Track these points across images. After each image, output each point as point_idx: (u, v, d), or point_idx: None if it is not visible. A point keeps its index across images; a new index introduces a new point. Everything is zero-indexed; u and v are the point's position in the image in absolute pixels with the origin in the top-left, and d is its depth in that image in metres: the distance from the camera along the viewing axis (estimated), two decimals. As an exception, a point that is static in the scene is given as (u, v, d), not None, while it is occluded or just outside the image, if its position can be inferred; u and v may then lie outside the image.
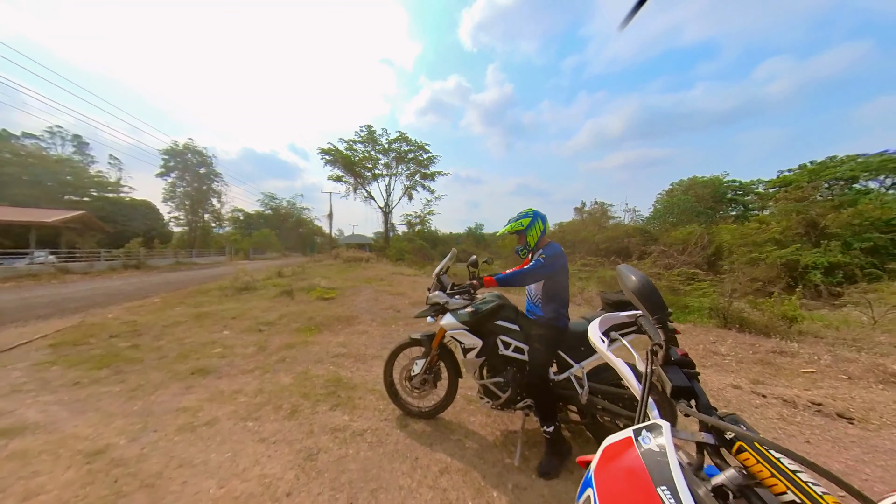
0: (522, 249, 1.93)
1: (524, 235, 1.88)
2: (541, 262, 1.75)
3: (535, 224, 1.87)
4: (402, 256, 22.00)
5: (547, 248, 1.85)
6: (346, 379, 2.89)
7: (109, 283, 11.58)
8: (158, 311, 6.43)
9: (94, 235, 22.91)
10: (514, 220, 1.91)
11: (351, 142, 36.26)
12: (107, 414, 2.36)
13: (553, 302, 1.82)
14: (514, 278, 1.79)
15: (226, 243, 33.73)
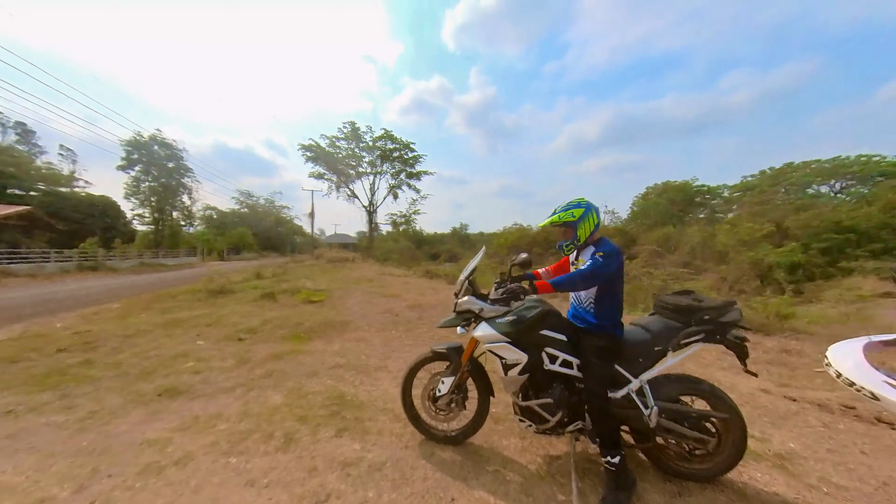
0: (568, 245, 1.67)
1: (573, 228, 1.62)
2: (599, 261, 1.49)
3: (589, 216, 1.61)
4: (389, 257, 21.41)
5: (602, 244, 1.60)
6: (349, 395, 2.52)
7: (61, 287, 10.32)
8: (119, 319, 5.68)
9: (43, 234, 20.66)
10: (562, 210, 1.64)
11: (334, 138, 35.08)
12: (46, 454, 1.87)
13: (608, 308, 1.57)
14: (571, 282, 1.52)
15: (197, 243, 31.52)
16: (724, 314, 1.50)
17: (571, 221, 1.61)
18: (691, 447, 1.53)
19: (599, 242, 1.62)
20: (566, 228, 1.66)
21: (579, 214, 1.61)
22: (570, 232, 1.65)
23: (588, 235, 1.63)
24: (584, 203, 1.64)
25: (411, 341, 3.83)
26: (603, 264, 1.49)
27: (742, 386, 2.73)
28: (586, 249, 1.66)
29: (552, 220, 1.66)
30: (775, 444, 1.87)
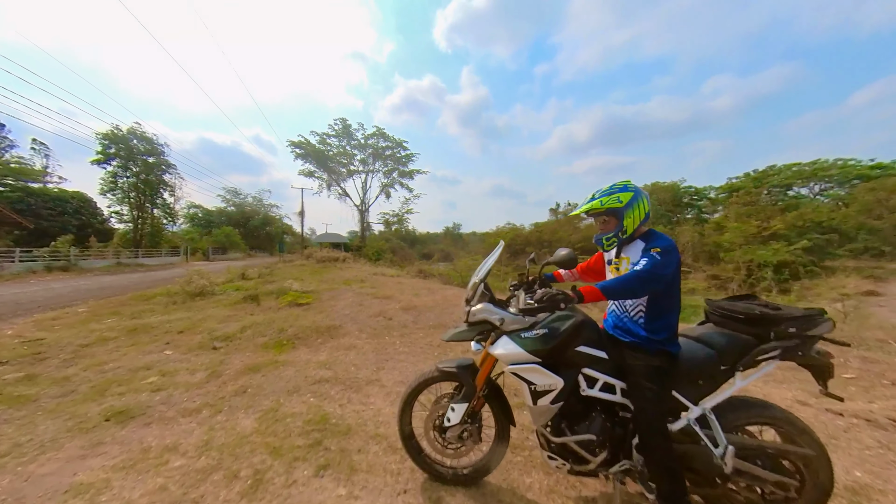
0: (610, 238, 1.34)
1: (618, 217, 1.31)
2: (657, 259, 1.17)
3: (639, 203, 1.30)
4: (381, 256, 20.90)
5: (655, 238, 1.28)
6: (334, 418, 2.14)
7: (23, 289, 9.50)
8: (80, 325, 5.11)
9: (8, 231, 19.37)
10: (605, 194, 1.32)
11: (324, 135, 34.29)
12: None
13: (663, 318, 1.25)
14: (628, 287, 1.19)
15: (181, 242, 30.22)
16: (811, 326, 1.20)
17: (617, 208, 1.29)
18: (767, 491, 1.22)
19: (650, 236, 1.31)
20: (608, 218, 1.34)
21: (627, 199, 1.28)
22: (612, 222, 1.33)
23: (636, 226, 1.31)
24: (632, 187, 1.32)
25: (406, 349, 3.46)
26: (662, 262, 1.17)
27: (776, 396, 2.48)
28: (631, 245, 1.34)
29: (591, 206, 1.33)
30: (840, 473, 1.60)
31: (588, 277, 1.67)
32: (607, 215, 1.33)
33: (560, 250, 1.44)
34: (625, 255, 1.35)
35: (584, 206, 1.36)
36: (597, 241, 1.40)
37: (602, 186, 1.38)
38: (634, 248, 1.31)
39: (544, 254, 1.74)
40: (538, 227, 30.28)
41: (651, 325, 1.26)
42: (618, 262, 1.38)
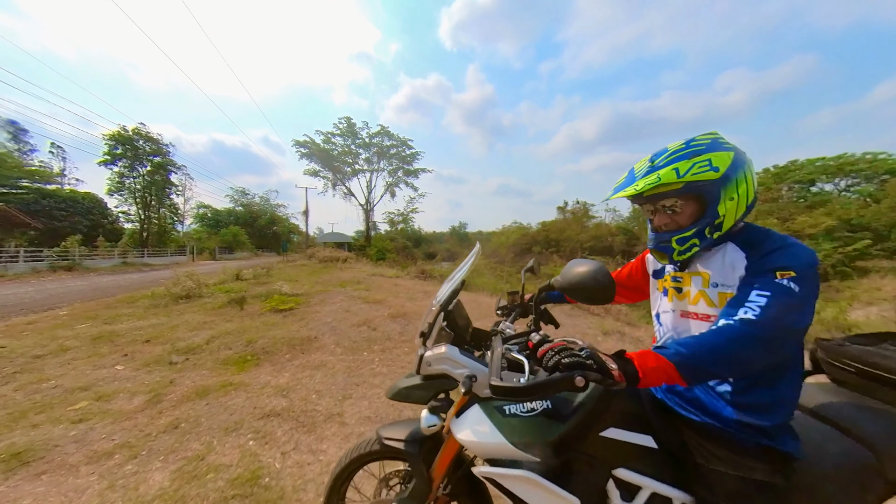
0: (689, 239, 0.76)
1: (708, 198, 0.73)
2: (790, 292, 0.61)
3: (745, 173, 0.73)
4: (384, 256, 20.51)
5: (781, 247, 0.68)
6: (268, 476, 1.63)
7: (17, 290, 9.40)
8: (49, 331, 4.78)
9: (22, 232, 19.76)
10: (681, 157, 0.73)
11: (329, 134, 34.13)
12: None
13: (769, 385, 0.69)
14: (724, 356, 0.60)
15: (188, 242, 30.53)
16: None
17: (707, 182, 0.70)
18: None
19: (756, 238, 0.73)
20: (683, 200, 0.75)
21: (726, 165, 0.70)
22: (691, 208, 0.75)
23: (738, 217, 0.74)
24: (730, 145, 0.75)
25: (385, 368, 2.95)
26: (799, 300, 0.61)
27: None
28: (717, 252, 0.76)
29: (652, 182, 0.73)
30: None
31: (618, 298, 1.12)
32: (684, 195, 0.74)
33: (576, 265, 0.80)
34: (701, 269, 0.78)
35: (641, 182, 0.75)
36: (656, 245, 0.81)
37: (667, 145, 0.78)
38: (721, 260, 0.75)
39: (549, 257, 1.23)
40: (545, 225, 29.43)
41: (745, 398, 0.69)
42: (680, 279, 0.82)
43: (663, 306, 0.87)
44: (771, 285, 0.63)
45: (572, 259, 0.90)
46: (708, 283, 0.76)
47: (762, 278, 0.65)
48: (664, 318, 0.87)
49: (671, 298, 0.84)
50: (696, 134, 0.77)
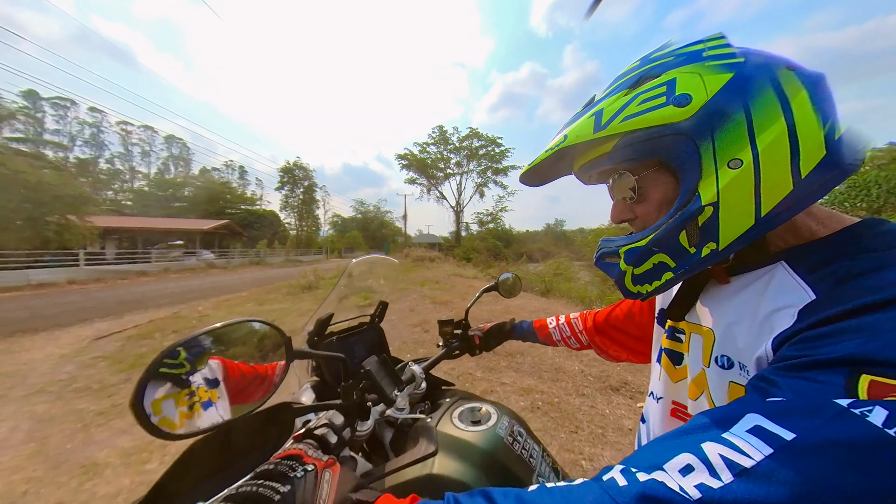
0: (646, 253, 0.34)
1: (676, 161, 0.31)
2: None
3: (772, 107, 0.28)
4: (470, 256, 20.88)
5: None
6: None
7: (230, 277, 14.30)
8: (232, 307, 6.99)
9: (238, 238, 30.05)
10: (624, 86, 0.34)
11: (424, 144, 37.45)
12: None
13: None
14: None
15: (324, 244, 39.73)
16: None
17: (661, 129, 0.30)
18: None
19: (871, 264, 0.26)
20: (637, 174, 0.35)
21: (711, 91, 0.29)
22: (661, 189, 0.34)
23: (780, 206, 0.28)
24: (733, 54, 0.30)
25: (423, 375, 2.89)
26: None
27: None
28: (764, 276, 0.32)
29: (551, 147, 0.37)
30: None
31: (606, 344, 0.68)
32: (629, 164, 0.35)
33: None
34: (707, 318, 0.35)
35: (542, 154, 0.40)
36: (598, 260, 0.41)
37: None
38: (752, 300, 0.31)
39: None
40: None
41: None
42: (680, 336, 0.40)
43: (655, 384, 0.45)
44: (835, 416, 0.20)
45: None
46: (709, 351, 0.33)
47: (818, 383, 0.22)
48: (651, 410, 0.45)
49: (661, 373, 0.42)
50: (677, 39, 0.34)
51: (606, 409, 1.86)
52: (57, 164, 21.49)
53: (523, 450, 0.52)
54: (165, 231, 22.28)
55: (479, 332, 0.85)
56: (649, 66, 0.33)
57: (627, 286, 0.37)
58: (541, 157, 0.39)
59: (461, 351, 0.85)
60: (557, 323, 0.77)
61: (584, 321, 0.71)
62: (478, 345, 0.85)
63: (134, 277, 13.23)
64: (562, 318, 0.77)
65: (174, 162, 51.79)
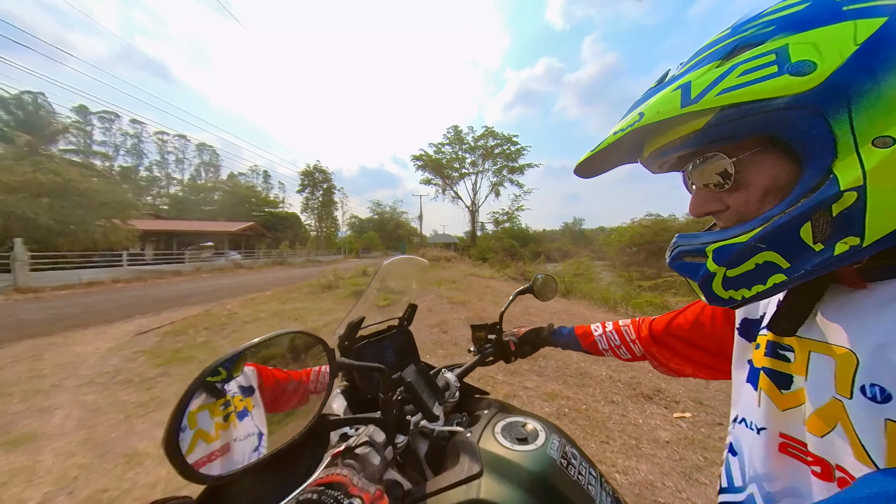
0: (749, 250, 0.28)
1: (796, 140, 0.25)
2: None
3: None
4: (486, 256, 20.70)
5: None
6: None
7: (255, 276, 14.97)
8: (257, 305, 7.28)
9: (263, 239, 31.42)
10: (717, 55, 0.28)
11: (439, 144, 37.55)
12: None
13: None
14: None
15: (342, 244, 40.85)
16: None
17: (775, 102, 0.25)
18: None
19: None
20: (735, 156, 0.29)
21: (847, 51, 0.23)
22: (766, 174, 0.28)
23: None
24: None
25: (443, 376, 2.86)
26: None
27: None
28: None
29: (623, 127, 0.32)
30: None
31: (666, 357, 0.60)
32: (721, 144, 0.29)
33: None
34: (839, 335, 0.28)
35: (609, 137, 0.34)
36: (672, 259, 0.34)
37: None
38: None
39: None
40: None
41: None
42: (787, 354, 0.33)
43: (748, 409, 0.37)
44: None
45: None
46: (850, 378, 0.26)
47: None
48: (745, 441, 0.36)
49: (761, 397, 0.34)
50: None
51: (639, 419, 1.75)
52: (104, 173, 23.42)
53: (579, 475, 0.47)
54: (197, 233, 23.75)
55: (513, 338, 0.81)
56: (746, 34, 0.28)
57: (716, 291, 0.31)
58: (608, 141, 0.34)
59: (495, 357, 0.81)
60: (604, 330, 0.70)
61: (637, 329, 0.65)
62: (513, 351, 0.80)
63: (170, 277, 14.15)
64: (609, 325, 0.71)
65: (205, 168, 55.21)
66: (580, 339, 0.73)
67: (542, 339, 0.78)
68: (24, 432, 2.16)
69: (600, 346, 0.70)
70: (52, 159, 15.35)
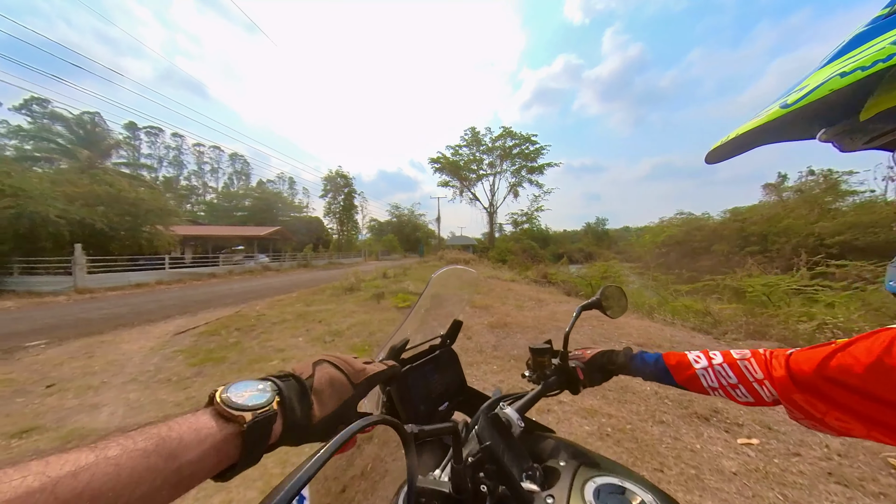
0: None
1: None
2: None
3: None
4: (505, 258, 20.32)
5: None
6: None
7: (282, 279, 15.61)
8: (284, 307, 7.54)
9: (288, 243, 32.83)
10: None
11: (456, 147, 37.57)
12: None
13: None
14: None
15: (363, 247, 41.88)
16: None
17: None
18: None
19: None
20: None
21: None
22: None
23: None
24: None
25: (468, 385, 2.76)
26: None
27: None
28: None
29: (817, 85, 0.24)
30: None
31: (821, 408, 0.42)
32: None
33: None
34: None
35: (794, 95, 0.26)
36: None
37: None
38: None
39: (741, 263, 0.75)
40: (738, 214, 19.87)
41: None
42: None
43: None
44: None
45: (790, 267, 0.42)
46: None
47: None
48: None
49: None
50: None
51: (696, 444, 1.55)
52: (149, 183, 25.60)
53: None
54: (230, 237, 25.24)
55: (580, 363, 0.68)
56: None
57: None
58: (801, 104, 0.24)
59: (560, 387, 0.68)
60: (710, 362, 0.54)
61: (766, 366, 0.49)
62: (581, 380, 0.68)
63: (206, 279, 15.08)
64: (716, 356, 0.54)
65: (237, 176, 58.91)
66: (673, 370, 0.58)
67: (618, 366, 0.64)
68: (74, 427, 2.30)
69: (705, 383, 0.54)
70: (106, 172, 16.94)
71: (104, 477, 0.20)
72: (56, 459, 0.20)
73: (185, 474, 0.23)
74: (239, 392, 0.28)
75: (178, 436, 0.24)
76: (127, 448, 0.22)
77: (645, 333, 3.93)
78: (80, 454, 0.21)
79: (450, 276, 0.80)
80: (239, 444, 0.26)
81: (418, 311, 0.71)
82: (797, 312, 3.71)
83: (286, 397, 0.30)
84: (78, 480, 0.19)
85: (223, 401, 0.27)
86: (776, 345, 3.13)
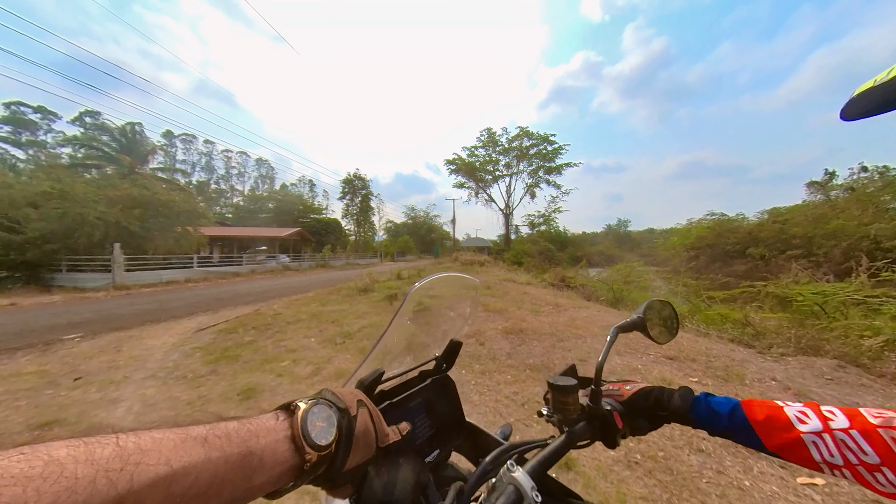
0: None
1: None
2: None
3: None
4: (521, 260, 19.87)
5: None
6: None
7: (301, 278, 16.05)
8: (299, 306, 7.67)
9: (308, 244, 33.85)
10: None
11: (473, 148, 37.38)
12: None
13: None
14: None
15: (378, 248, 42.58)
16: None
17: None
18: None
19: None
20: None
21: None
22: None
23: None
24: None
25: (477, 397, 2.59)
26: None
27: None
28: None
29: None
30: None
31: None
32: None
33: None
34: None
35: None
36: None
37: None
38: None
39: (783, 269, 0.63)
40: (778, 214, 18.23)
41: None
42: None
43: None
44: None
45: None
46: None
47: None
48: None
49: None
50: None
51: (745, 480, 1.30)
52: (182, 187, 27.27)
53: None
54: (254, 238, 26.39)
55: (616, 405, 0.51)
56: None
57: None
58: None
59: (592, 438, 0.50)
60: (825, 425, 0.35)
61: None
62: (620, 429, 0.49)
63: (230, 277, 15.78)
64: (837, 417, 0.35)
65: (261, 180, 61.85)
66: (760, 428, 0.39)
67: (671, 412, 0.47)
68: (93, 422, 2.36)
69: (816, 456, 0.35)
70: (144, 177, 18.17)
71: (209, 477, 0.22)
72: (172, 452, 0.21)
73: (254, 490, 0.25)
74: (314, 421, 0.29)
75: (260, 454, 0.25)
76: (224, 453, 0.23)
77: (675, 344, 3.61)
78: (194, 449, 0.22)
79: (444, 286, 0.67)
80: (298, 474, 0.28)
81: (395, 332, 0.57)
82: (859, 325, 3.25)
83: (342, 443, 0.30)
84: (187, 478, 0.21)
85: (302, 429, 0.28)
86: (834, 363, 2.72)
